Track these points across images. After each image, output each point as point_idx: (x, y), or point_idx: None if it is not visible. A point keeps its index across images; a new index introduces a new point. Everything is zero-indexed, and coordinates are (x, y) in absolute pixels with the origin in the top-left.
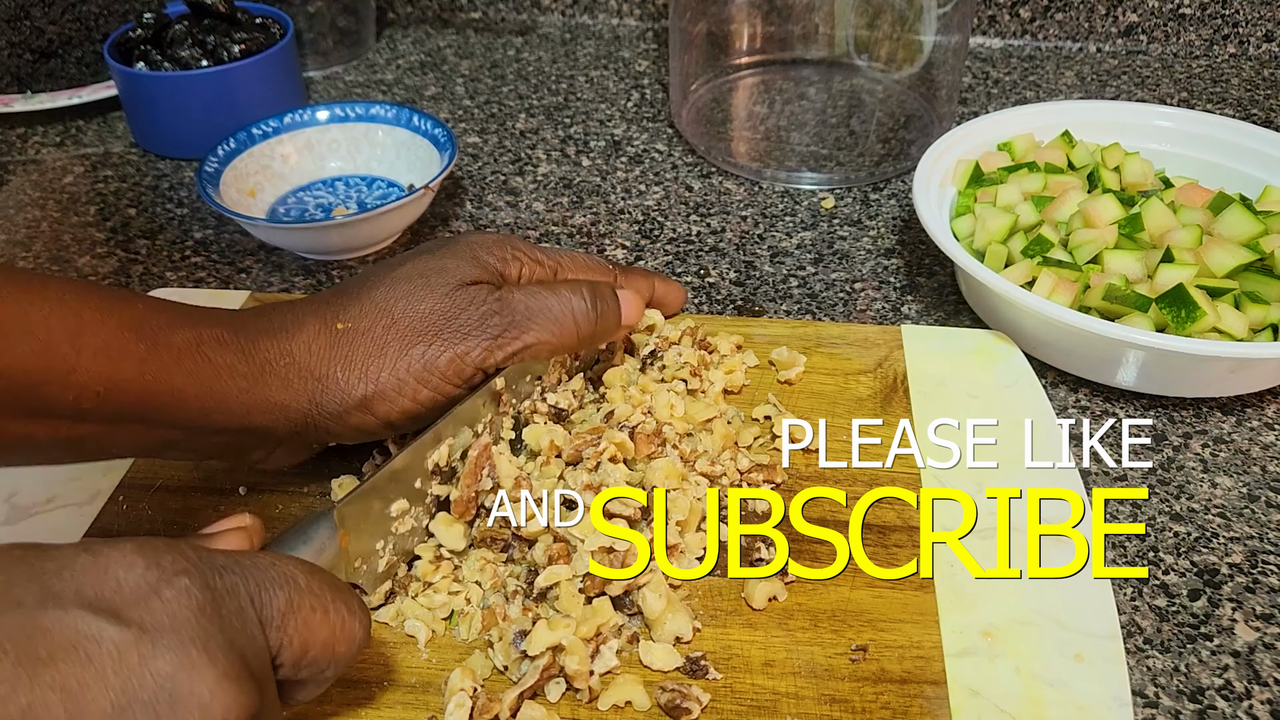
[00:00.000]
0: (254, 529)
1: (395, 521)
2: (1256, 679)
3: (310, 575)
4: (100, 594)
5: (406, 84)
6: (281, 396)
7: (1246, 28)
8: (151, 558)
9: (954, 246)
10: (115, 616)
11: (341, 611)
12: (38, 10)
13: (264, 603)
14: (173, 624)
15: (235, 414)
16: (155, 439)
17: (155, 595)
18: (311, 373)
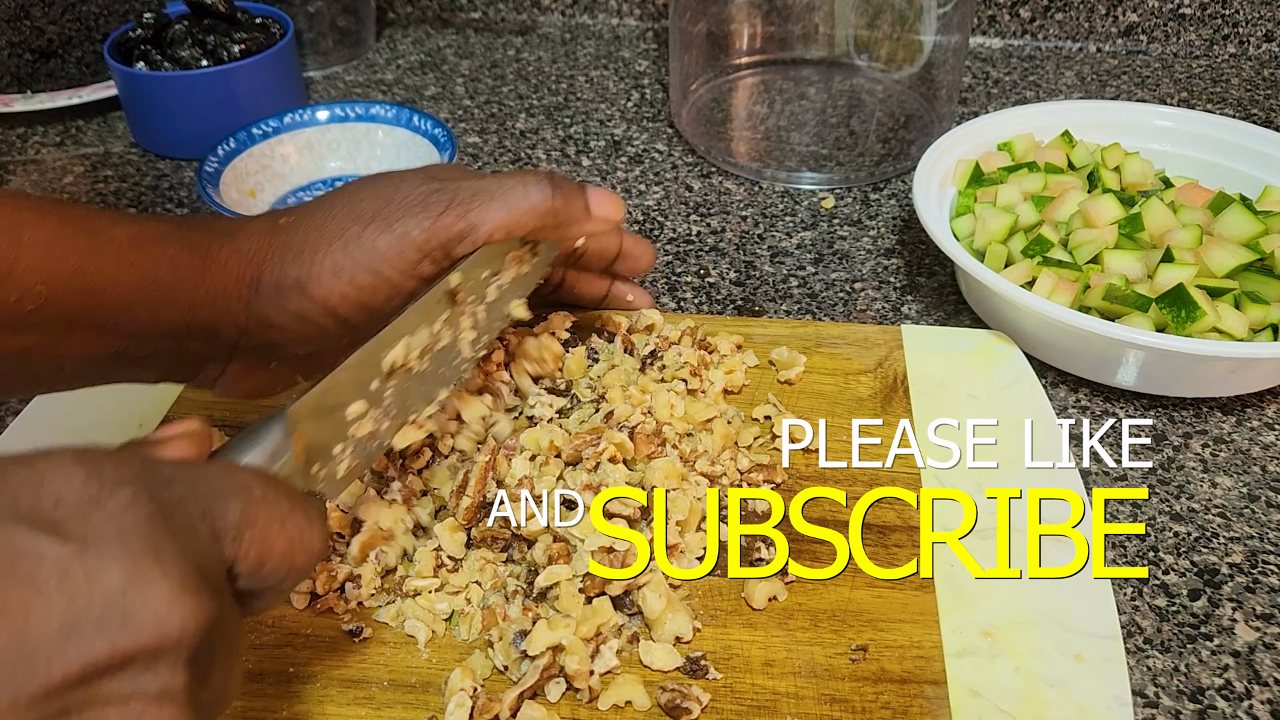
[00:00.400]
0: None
1: (353, 425)
2: (1257, 679)
3: (266, 485)
4: (37, 507)
5: (406, 84)
6: (223, 284)
7: (1246, 28)
8: (92, 468)
9: (954, 246)
10: (55, 531)
11: (299, 521)
12: (38, 10)
13: (216, 514)
14: (119, 536)
15: (179, 306)
16: (104, 349)
17: (98, 507)
18: (252, 259)
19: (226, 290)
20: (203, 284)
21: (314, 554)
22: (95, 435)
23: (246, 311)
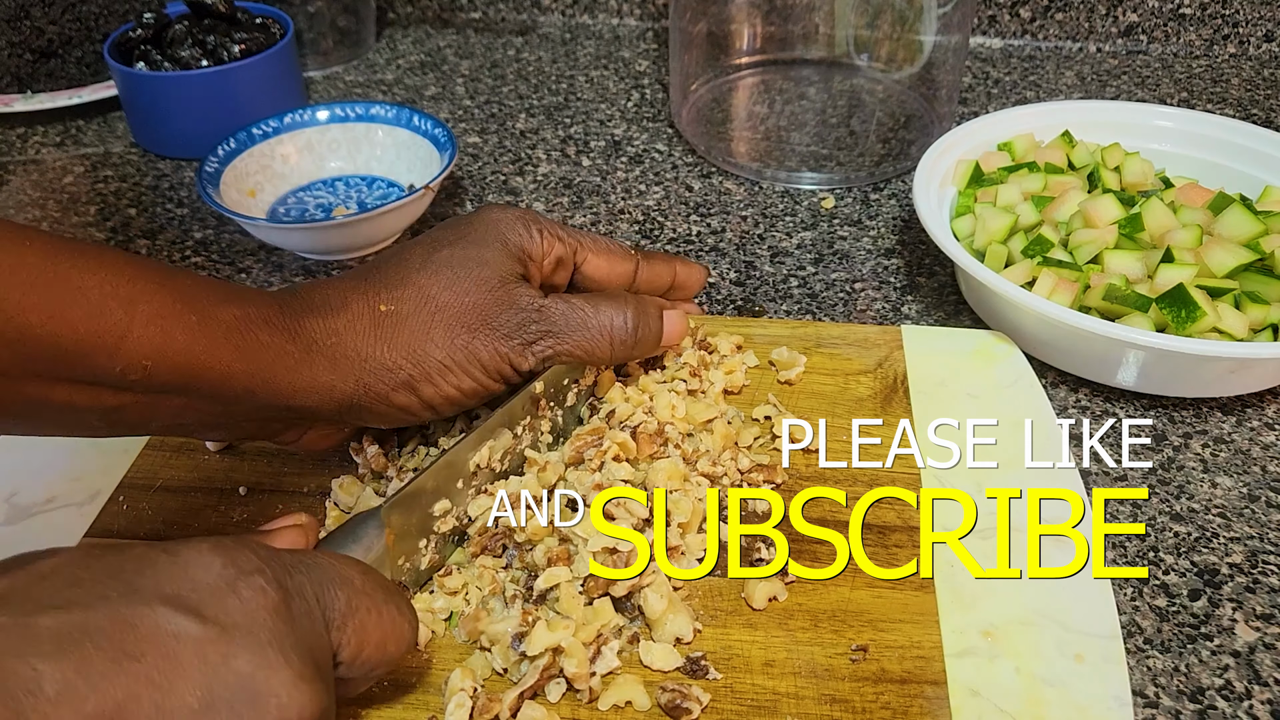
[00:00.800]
0: (309, 527)
1: (438, 521)
2: (1257, 679)
3: (365, 576)
4: (180, 592)
5: (406, 84)
6: (328, 377)
7: (1247, 28)
8: (228, 557)
9: (954, 246)
10: (196, 614)
11: (392, 612)
12: (38, 10)
13: (327, 603)
14: (249, 623)
15: (281, 393)
16: (194, 415)
17: (233, 594)
18: (358, 353)
19: (330, 385)
20: (303, 375)
21: (405, 644)
22: None
23: (349, 402)
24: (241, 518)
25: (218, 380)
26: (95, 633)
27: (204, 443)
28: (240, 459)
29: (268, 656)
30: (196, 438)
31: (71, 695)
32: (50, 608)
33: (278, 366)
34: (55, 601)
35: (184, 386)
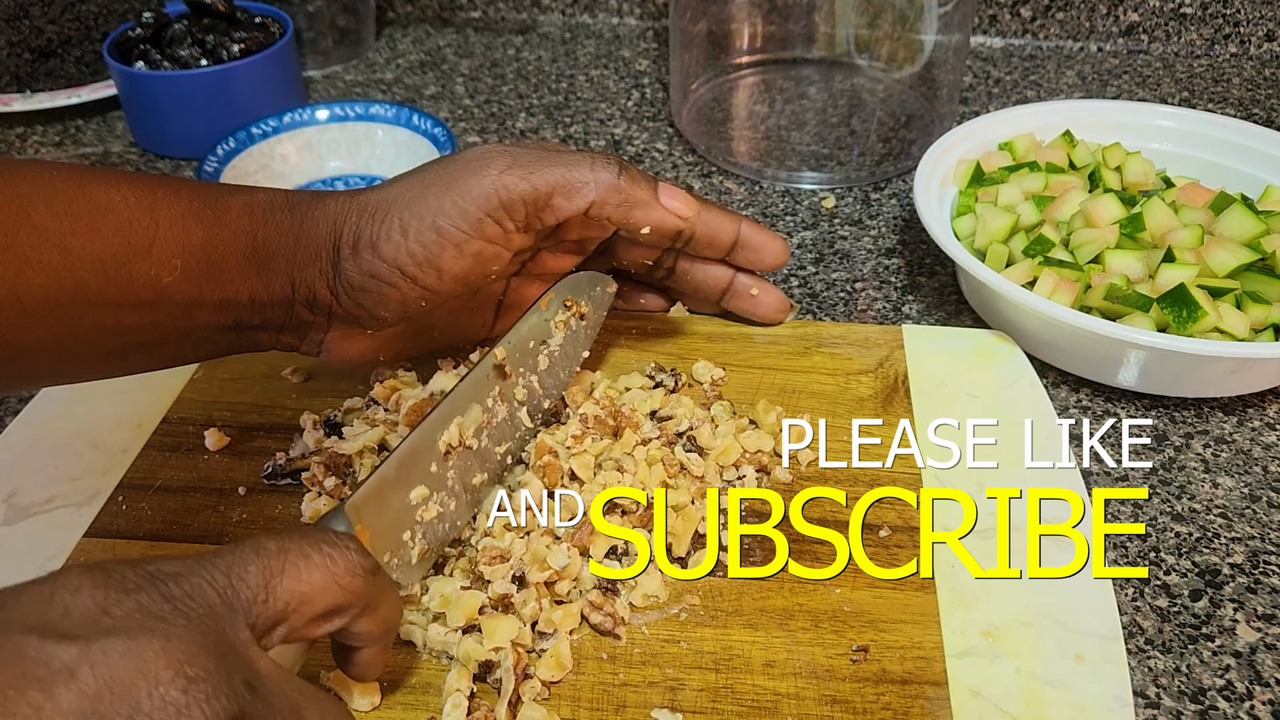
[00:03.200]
0: None
1: (418, 509)
2: (1258, 679)
3: (279, 538)
4: (46, 619)
5: (406, 83)
6: (314, 245)
7: (1247, 27)
8: (99, 579)
9: (955, 246)
10: (63, 637)
11: (324, 550)
12: (37, 10)
13: (237, 587)
14: (125, 635)
15: (284, 271)
16: (226, 320)
17: (105, 613)
18: (334, 221)
19: (317, 251)
20: (300, 247)
21: (357, 569)
22: (95, 435)
23: (333, 273)
24: (241, 518)
25: (236, 269)
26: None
27: (204, 443)
28: (240, 459)
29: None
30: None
31: None
32: None
33: (280, 244)
34: None
35: (210, 283)
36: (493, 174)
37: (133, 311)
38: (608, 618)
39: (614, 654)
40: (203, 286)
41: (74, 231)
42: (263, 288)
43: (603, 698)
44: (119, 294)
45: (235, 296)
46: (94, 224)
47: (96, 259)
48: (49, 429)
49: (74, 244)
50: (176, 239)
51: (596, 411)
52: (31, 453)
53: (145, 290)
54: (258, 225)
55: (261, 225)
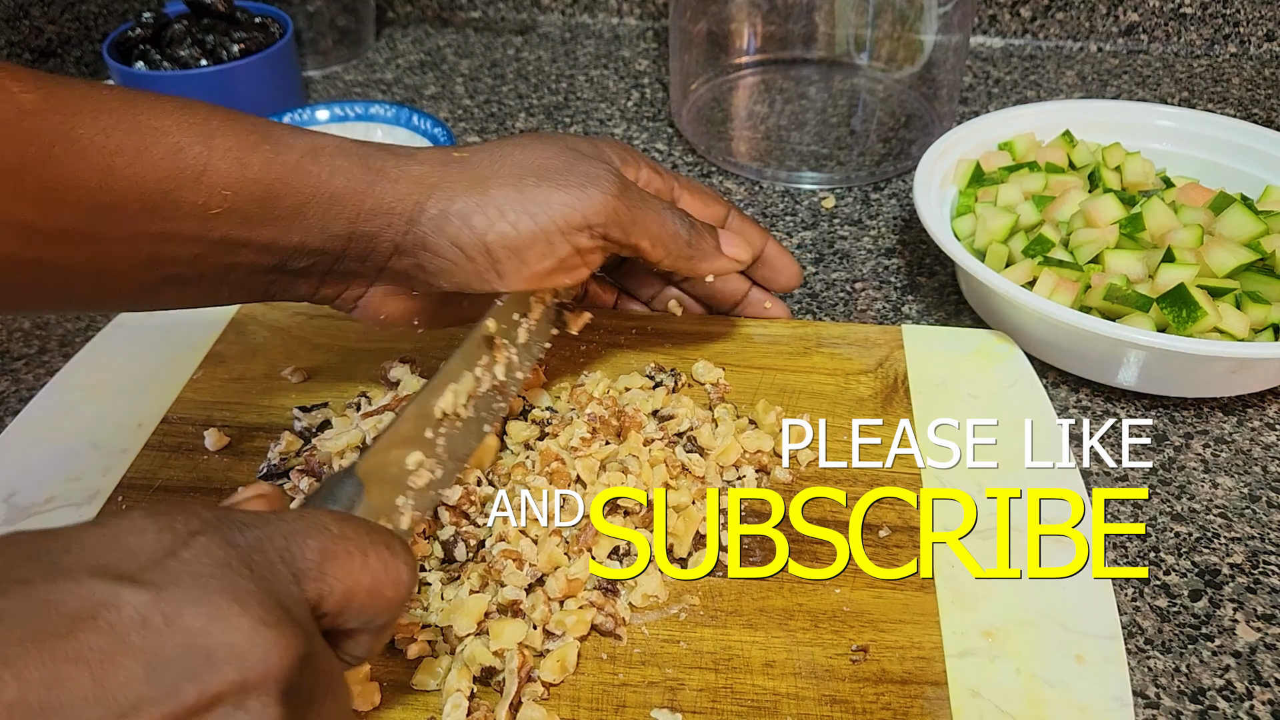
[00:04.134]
0: (274, 495)
1: (412, 475)
2: (1258, 679)
3: (342, 522)
4: (112, 562)
5: (406, 83)
6: (389, 201)
7: (1247, 27)
8: (164, 521)
9: (955, 246)
10: (131, 580)
11: (382, 554)
12: (37, 10)
13: (295, 554)
14: (195, 580)
15: (345, 217)
16: (269, 261)
17: (172, 556)
18: (422, 182)
19: (392, 207)
20: (369, 198)
21: (402, 584)
22: (95, 435)
23: (406, 231)
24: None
25: (290, 209)
26: (8, 618)
27: (204, 443)
28: (239, 459)
29: (218, 607)
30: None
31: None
32: None
33: (345, 190)
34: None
35: (259, 220)
36: (607, 193)
37: (173, 242)
38: (609, 618)
39: (614, 654)
40: (251, 224)
41: (119, 150)
42: (316, 233)
43: (602, 698)
44: (161, 222)
45: (284, 239)
46: (141, 146)
47: (140, 182)
48: (49, 429)
49: (117, 163)
50: (230, 170)
51: (601, 412)
52: (31, 453)
53: (189, 221)
54: (322, 169)
55: (326, 170)
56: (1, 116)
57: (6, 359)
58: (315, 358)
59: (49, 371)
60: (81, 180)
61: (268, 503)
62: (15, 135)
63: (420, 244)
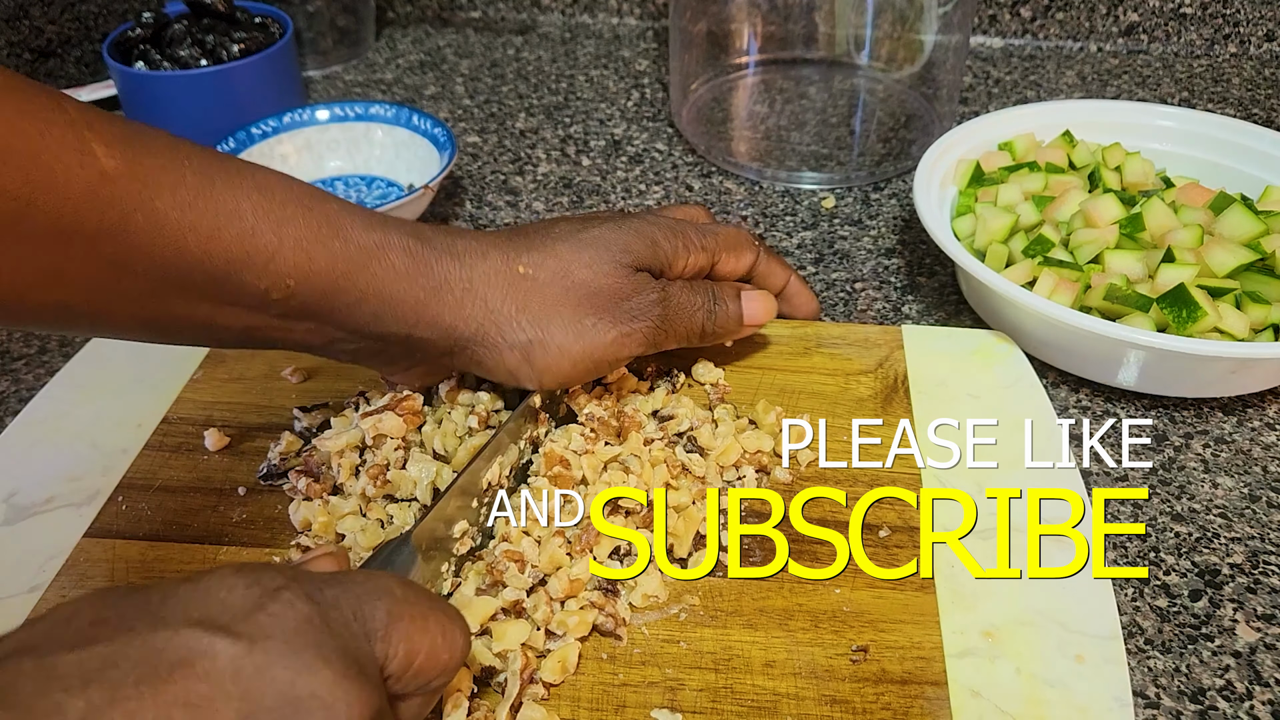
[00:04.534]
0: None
1: (457, 543)
2: (1258, 679)
3: (405, 587)
4: (207, 614)
5: (406, 83)
6: (452, 319)
7: (1247, 27)
8: (251, 577)
9: (955, 246)
10: (226, 631)
11: (441, 620)
12: (37, 10)
13: (366, 615)
14: (283, 634)
15: (405, 323)
16: (321, 339)
17: (260, 610)
18: (486, 304)
19: (451, 325)
20: (430, 310)
21: (458, 650)
22: (94, 435)
23: (463, 347)
24: (240, 518)
25: (351, 303)
26: (121, 661)
27: (204, 443)
28: (239, 459)
29: (305, 660)
30: (320, 354)
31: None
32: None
33: (407, 297)
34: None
35: (320, 307)
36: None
37: (230, 312)
38: (609, 618)
39: (614, 654)
40: (309, 310)
41: (193, 229)
42: (370, 327)
43: (603, 698)
44: (221, 295)
45: (340, 324)
46: (215, 227)
47: (208, 260)
48: (49, 429)
49: (190, 241)
50: (297, 261)
51: (601, 413)
52: (31, 453)
53: (250, 299)
54: (384, 270)
55: (388, 272)
56: (85, 181)
57: (6, 359)
58: (315, 358)
59: (49, 371)
60: (154, 252)
61: (335, 562)
62: (97, 201)
63: (475, 359)
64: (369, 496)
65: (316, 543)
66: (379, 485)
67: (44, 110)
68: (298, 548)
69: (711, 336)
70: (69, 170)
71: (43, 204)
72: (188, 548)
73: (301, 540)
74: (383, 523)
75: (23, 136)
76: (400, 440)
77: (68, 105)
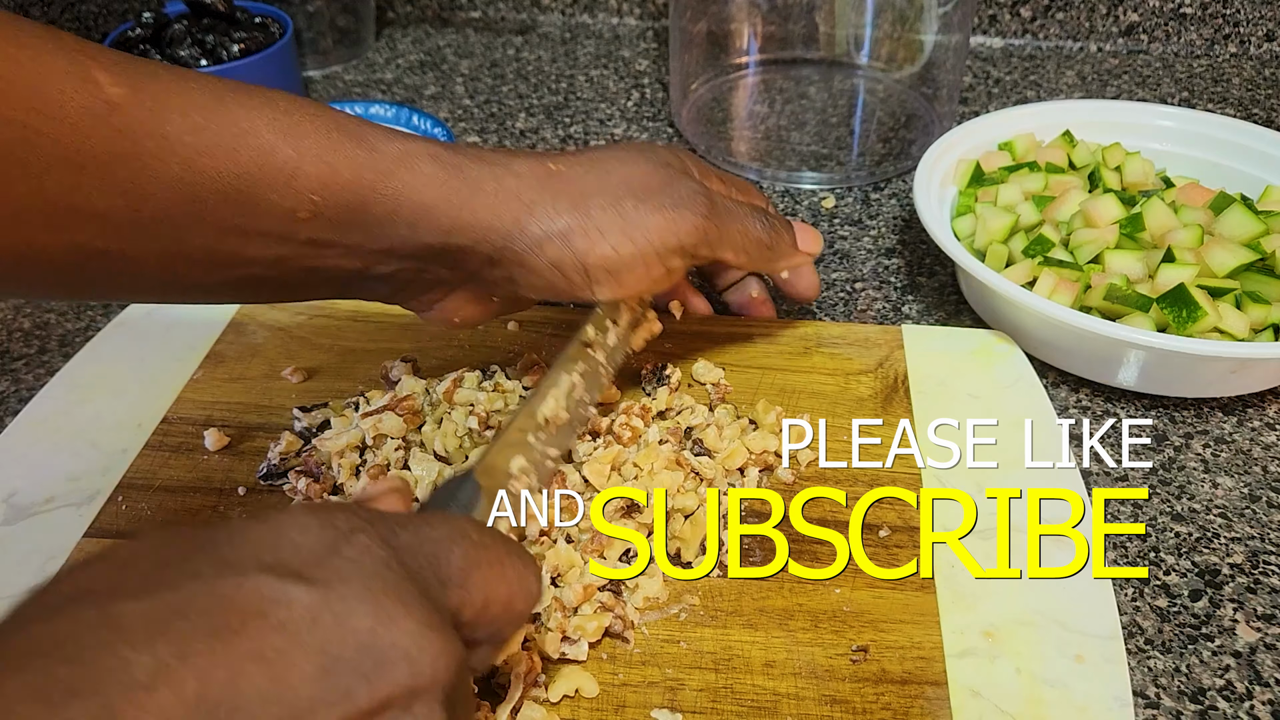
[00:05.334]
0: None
1: (513, 479)
2: (1258, 679)
3: (480, 531)
4: (279, 558)
5: (406, 83)
6: (487, 217)
7: (1247, 27)
8: (325, 518)
9: (955, 246)
10: (299, 577)
11: (517, 566)
12: (37, 10)
13: (441, 560)
14: (361, 579)
15: (440, 229)
16: (352, 265)
17: (336, 554)
18: (520, 198)
19: (489, 224)
20: (465, 212)
21: (532, 598)
22: (95, 435)
23: (502, 246)
24: (241, 518)
25: (383, 216)
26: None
27: (204, 443)
28: (239, 459)
29: (385, 609)
30: (354, 296)
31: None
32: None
33: (440, 200)
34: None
35: (350, 223)
36: (699, 214)
37: (257, 241)
38: (617, 620)
39: (614, 654)
40: (339, 229)
41: (206, 150)
42: (405, 241)
43: (602, 698)
44: (246, 222)
45: (372, 244)
46: (230, 146)
47: (225, 182)
48: (49, 429)
49: (204, 163)
50: (319, 175)
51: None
52: (31, 453)
53: (274, 222)
54: (414, 178)
55: (418, 177)
56: (91, 110)
57: (6, 359)
58: (315, 358)
59: (49, 371)
60: (168, 177)
61: (401, 497)
62: (104, 130)
63: (516, 260)
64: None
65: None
66: None
67: (40, 40)
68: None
69: (769, 251)
70: (71, 97)
71: (48, 131)
72: None
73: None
74: None
75: (18, 65)
76: (400, 440)
77: (65, 37)
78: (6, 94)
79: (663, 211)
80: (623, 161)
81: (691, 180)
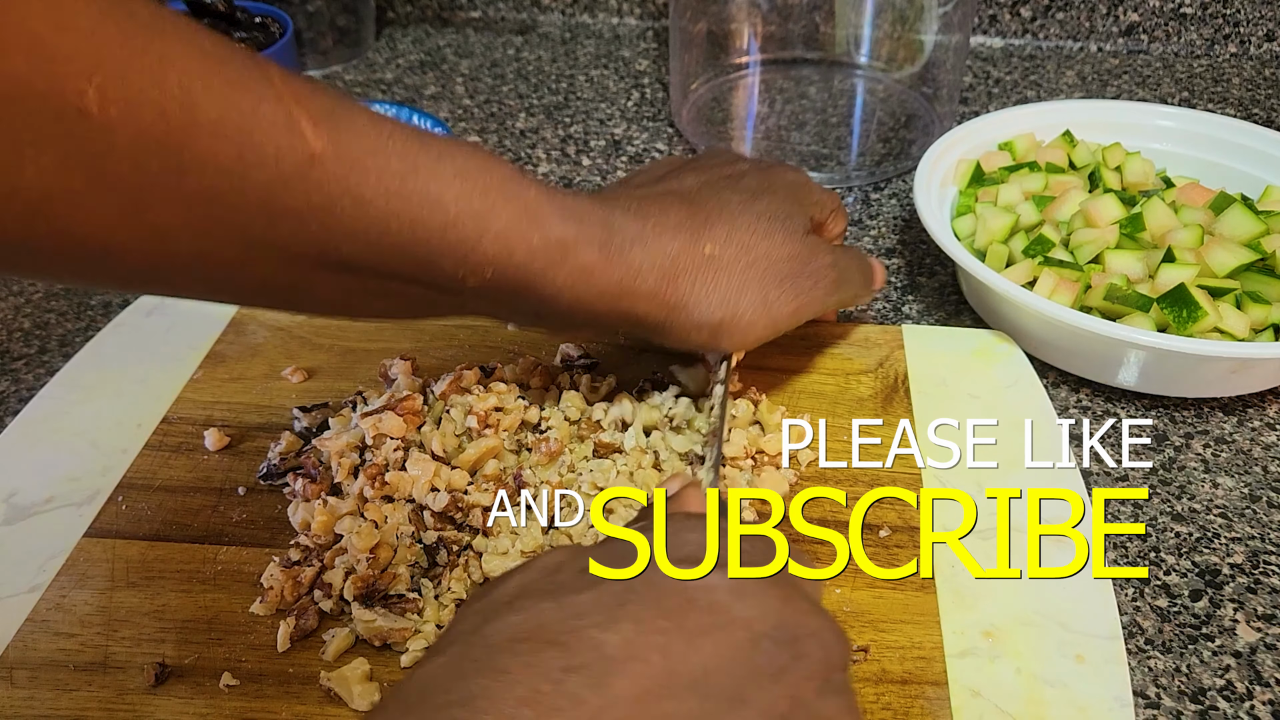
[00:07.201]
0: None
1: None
2: (1258, 679)
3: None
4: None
5: (406, 83)
6: (645, 309)
7: (1247, 27)
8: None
9: (955, 246)
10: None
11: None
12: None
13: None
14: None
15: (594, 314)
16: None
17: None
18: (677, 289)
19: (642, 315)
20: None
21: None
22: (95, 435)
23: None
24: (240, 518)
25: (544, 296)
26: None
27: (204, 443)
28: (239, 459)
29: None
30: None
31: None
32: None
33: (596, 291)
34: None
35: (512, 297)
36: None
37: (422, 289)
38: None
39: None
40: (502, 297)
41: (395, 215)
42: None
43: None
44: (418, 278)
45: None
46: (417, 216)
47: (408, 246)
48: (49, 429)
49: (392, 226)
50: (496, 254)
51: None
52: (31, 453)
53: (445, 283)
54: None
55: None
56: (293, 162)
57: (6, 359)
58: (315, 358)
59: (49, 371)
60: (359, 236)
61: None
62: (304, 184)
63: (659, 335)
64: (366, 497)
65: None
66: (377, 486)
67: (255, 83)
68: (296, 547)
69: (854, 299)
70: (279, 148)
71: (255, 179)
72: (188, 548)
73: (301, 540)
74: (377, 524)
75: (236, 110)
76: (400, 440)
77: (274, 76)
78: (218, 137)
79: (799, 298)
80: (769, 236)
81: (821, 251)
